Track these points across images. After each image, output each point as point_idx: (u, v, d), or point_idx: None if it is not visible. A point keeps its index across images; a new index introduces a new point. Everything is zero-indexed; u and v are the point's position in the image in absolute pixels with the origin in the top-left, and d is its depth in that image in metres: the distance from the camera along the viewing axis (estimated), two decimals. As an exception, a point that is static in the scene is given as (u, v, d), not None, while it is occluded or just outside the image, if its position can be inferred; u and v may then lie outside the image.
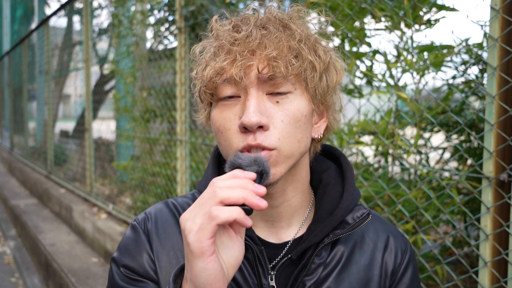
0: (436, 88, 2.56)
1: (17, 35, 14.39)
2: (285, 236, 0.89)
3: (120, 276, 0.88)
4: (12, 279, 4.59)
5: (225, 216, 0.62)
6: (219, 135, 0.80)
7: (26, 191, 7.69)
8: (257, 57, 0.76)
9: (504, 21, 1.48)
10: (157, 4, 4.10)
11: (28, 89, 9.87)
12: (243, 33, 0.77)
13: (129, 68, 4.34)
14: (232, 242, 0.68)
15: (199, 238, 0.63)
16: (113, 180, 5.43)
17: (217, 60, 0.77)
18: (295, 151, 0.78)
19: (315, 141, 0.88)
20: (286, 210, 0.87)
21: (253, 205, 0.63)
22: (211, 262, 0.63)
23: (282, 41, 0.76)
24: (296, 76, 0.77)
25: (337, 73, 0.84)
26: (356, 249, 0.89)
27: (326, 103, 0.84)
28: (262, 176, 0.71)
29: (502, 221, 1.50)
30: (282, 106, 0.77)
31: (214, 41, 0.81)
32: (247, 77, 0.76)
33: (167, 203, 0.96)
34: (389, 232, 0.94)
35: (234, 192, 0.64)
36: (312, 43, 0.80)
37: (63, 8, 6.72)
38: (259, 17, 0.80)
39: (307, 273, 0.84)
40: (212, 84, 0.78)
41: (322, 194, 0.90)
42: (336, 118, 0.89)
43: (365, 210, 0.87)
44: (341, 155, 0.94)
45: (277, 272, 0.86)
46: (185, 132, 3.28)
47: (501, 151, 1.51)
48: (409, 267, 0.92)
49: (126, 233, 0.93)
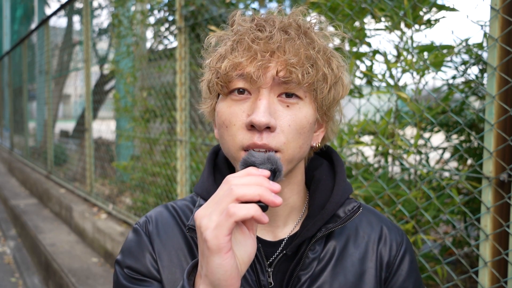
0: (436, 88, 2.56)
1: (17, 35, 14.39)
2: (281, 234, 0.91)
3: (124, 277, 0.90)
4: (12, 279, 4.59)
5: (243, 213, 0.63)
6: (223, 129, 0.81)
7: (26, 191, 7.69)
8: (275, 60, 0.77)
9: (504, 21, 1.49)
10: (157, 4, 4.10)
11: (28, 89, 9.88)
12: (266, 34, 0.78)
13: (129, 68, 4.34)
14: (245, 238, 0.69)
15: (217, 235, 0.64)
16: (113, 180, 5.43)
17: (236, 55, 0.78)
18: (296, 156, 0.81)
19: (311, 149, 0.90)
20: (283, 210, 0.90)
21: (269, 202, 0.65)
22: (227, 259, 0.65)
23: (301, 49, 0.78)
24: (309, 85, 0.79)
25: (343, 89, 0.86)
26: (350, 243, 0.90)
27: (329, 115, 0.87)
28: (275, 174, 0.73)
29: (502, 221, 1.50)
30: (291, 111, 0.79)
31: (233, 35, 0.82)
32: (264, 77, 0.77)
33: (167, 206, 0.98)
34: (383, 224, 0.95)
35: (250, 189, 0.65)
36: (328, 56, 0.82)
37: (63, 8, 6.73)
38: (283, 21, 0.82)
39: (301, 268, 0.85)
40: (227, 77, 0.79)
41: (314, 190, 0.92)
42: (333, 130, 0.92)
43: (355, 203, 0.88)
44: (333, 151, 0.96)
45: (274, 268, 0.88)
46: (185, 132, 3.28)
47: (501, 151, 1.51)
48: (405, 258, 0.92)
49: (129, 236, 0.96)
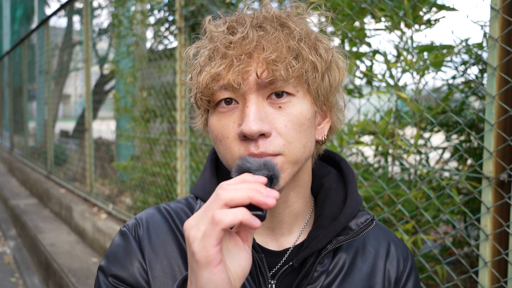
0: (436, 88, 2.56)
1: (17, 35, 14.39)
2: (286, 242, 0.85)
3: (108, 286, 0.81)
4: (12, 279, 4.59)
5: (229, 219, 0.57)
6: (218, 143, 0.76)
7: (26, 191, 7.69)
8: (254, 61, 0.71)
9: (504, 21, 1.48)
10: (157, 4, 4.11)
11: (28, 89, 9.87)
12: (239, 35, 0.71)
13: (129, 68, 4.34)
14: (239, 251, 0.63)
15: (205, 246, 0.57)
16: (113, 180, 5.43)
17: (212, 65, 0.72)
18: (301, 156, 0.75)
19: (318, 143, 0.83)
20: (288, 216, 0.84)
21: (261, 203, 0.58)
22: (218, 273, 0.58)
23: (280, 42, 0.71)
24: (297, 78, 0.73)
25: (339, 71, 0.79)
26: (358, 257, 0.86)
27: (329, 103, 0.80)
28: (272, 181, 0.66)
29: (502, 221, 1.50)
30: (284, 111, 0.73)
31: (208, 43, 0.76)
32: (246, 83, 0.71)
33: (159, 208, 0.90)
34: (390, 239, 0.92)
35: (238, 192, 0.59)
36: (313, 41, 0.75)
37: (63, 8, 6.73)
38: (255, 16, 0.75)
39: (309, 282, 0.80)
40: (209, 90, 0.73)
41: (323, 200, 0.86)
42: (340, 118, 0.84)
43: (369, 216, 0.83)
44: (342, 159, 0.90)
45: (277, 280, 0.82)
46: (185, 132, 3.27)
47: (501, 151, 1.51)
48: (411, 274, 0.90)
49: (115, 240, 0.86)
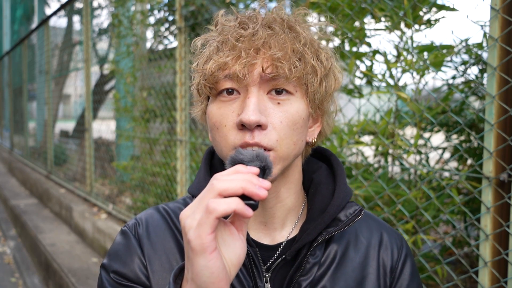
0: (436, 88, 2.56)
1: (17, 35, 14.39)
2: (279, 237, 0.88)
3: (110, 282, 0.85)
4: (12, 279, 4.59)
5: (223, 208, 0.60)
6: (215, 131, 0.80)
7: (26, 191, 7.69)
8: (261, 56, 0.76)
9: (504, 21, 1.49)
10: (157, 4, 4.11)
11: (28, 89, 9.88)
12: (250, 31, 0.76)
13: (129, 68, 4.34)
14: (233, 239, 0.66)
15: (200, 234, 0.61)
16: (113, 180, 5.43)
17: (221, 55, 0.77)
18: (290, 153, 0.79)
19: (308, 145, 0.88)
20: (280, 211, 0.87)
21: (253, 194, 0.61)
22: (213, 259, 0.61)
23: (287, 43, 0.76)
24: (298, 79, 0.78)
25: (335, 80, 0.84)
26: (350, 247, 0.89)
27: (322, 109, 0.85)
28: (264, 172, 0.70)
29: (502, 221, 1.50)
30: (282, 107, 0.77)
31: (218, 35, 0.81)
32: (250, 75, 0.75)
33: (158, 208, 0.94)
34: (383, 229, 0.94)
35: (232, 182, 0.62)
36: (316, 48, 0.80)
37: (63, 8, 6.73)
38: (266, 16, 0.80)
39: (302, 273, 0.83)
40: (214, 78, 0.77)
41: (313, 194, 0.90)
42: (330, 124, 0.90)
43: (357, 206, 0.87)
44: (332, 155, 0.95)
45: (272, 273, 0.85)
46: (185, 132, 3.28)
47: (501, 151, 1.51)
48: (407, 262, 0.91)
49: (116, 239, 0.91)
